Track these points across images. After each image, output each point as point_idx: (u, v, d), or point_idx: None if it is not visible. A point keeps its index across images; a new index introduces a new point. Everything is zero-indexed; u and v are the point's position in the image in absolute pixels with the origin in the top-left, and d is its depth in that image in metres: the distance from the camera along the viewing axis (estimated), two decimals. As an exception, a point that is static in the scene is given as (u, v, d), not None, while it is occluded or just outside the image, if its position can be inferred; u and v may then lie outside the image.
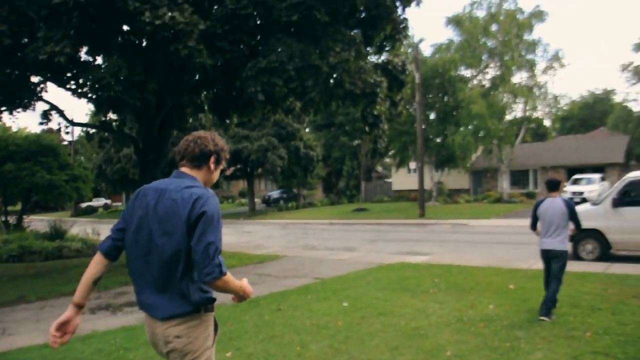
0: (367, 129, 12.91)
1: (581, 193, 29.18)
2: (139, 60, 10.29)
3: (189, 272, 2.60)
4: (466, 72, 36.52)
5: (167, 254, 2.57)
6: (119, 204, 61.92)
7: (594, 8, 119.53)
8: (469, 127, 32.62)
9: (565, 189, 30.83)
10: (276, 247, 17.95)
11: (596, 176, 31.44)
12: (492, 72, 36.47)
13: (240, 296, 2.79)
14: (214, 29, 9.95)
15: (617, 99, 72.86)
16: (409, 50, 28.79)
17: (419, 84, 27.19)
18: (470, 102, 31.15)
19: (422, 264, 12.27)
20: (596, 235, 12.25)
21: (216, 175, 2.91)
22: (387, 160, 51.95)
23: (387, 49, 13.20)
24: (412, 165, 36.61)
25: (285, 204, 43.03)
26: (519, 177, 40.65)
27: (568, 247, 7.21)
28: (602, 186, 30.96)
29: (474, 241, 17.82)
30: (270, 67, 9.86)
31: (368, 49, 12.76)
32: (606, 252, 12.21)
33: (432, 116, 37.68)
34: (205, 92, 16.06)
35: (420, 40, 48.38)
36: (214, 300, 2.75)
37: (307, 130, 50.98)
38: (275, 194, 49.45)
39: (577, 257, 12.47)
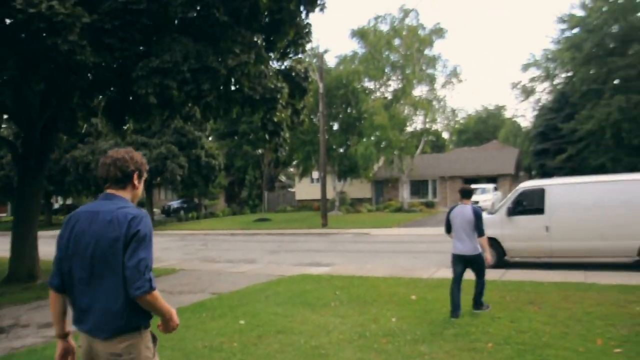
0: (267, 136, 12.39)
1: (476, 202, 30.14)
2: (12, 54, 9.15)
3: (125, 292, 2.64)
4: (369, 84, 37.21)
5: (106, 273, 2.65)
6: (3, 214, 57.18)
7: (490, 28, 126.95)
8: (372, 137, 33.11)
9: (461, 198, 32.01)
10: (173, 260, 17.01)
11: (490, 186, 32.95)
12: (394, 84, 37.42)
13: (166, 322, 2.85)
14: (101, 24, 9.01)
15: (507, 114, 77.61)
16: (314, 60, 28.78)
17: (322, 94, 27.18)
18: (372, 113, 31.66)
19: (323, 276, 11.96)
20: (492, 243, 12.51)
21: (140, 189, 2.98)
22: (291, 169, 51.84)
23: (290, 55, 12.85)
24: (315, 174, 36.63)
25: (185, 214, 41.63)
26: (419, 187, 41.86)
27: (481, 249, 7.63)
28: (495, 196, 32.48)
29: (375, 250, 17.84)
30: (163, 68, 9.07)
31: (271, 54, 12.30)
32: (502, 259, 12.53)
33: (335, 127, 37.96)
34: (99, 95, 14.86)
35: (325, 51, 49.01)
36: (151, 317, 2.80)
37: (209, 138, 49.79)
38: (175, 203, 47.76)
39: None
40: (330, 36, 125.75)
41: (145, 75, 9.18)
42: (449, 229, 7.95)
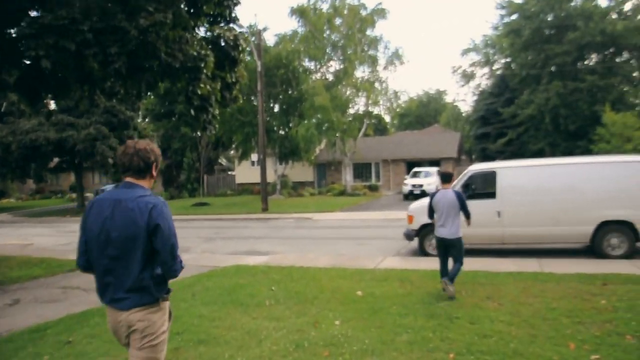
0: (193, 112, 10.93)
1: (420, 185, 29.90)
2: None
3: (147, 268, 3.07)
4: (310, 65, 35.94)
5: (128, 254, 3.03)
6: None
7: (431, 12, 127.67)
8: (313, 119, 31.92)
9: (405, 181, 31.48)
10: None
11: (433, 169, 32.50)
12: (335, 65, 36.34)
13: None
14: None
15: (448, 99, 78.24)
16: (252, 39, 27.28)
17: (261, 72, 25.77)
18: (313, 94, 30.46)
19: (260, 267, 10.80)
20: (441, 229, 11.75)
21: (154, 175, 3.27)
22: (232, 152, 50.08)
23: (221, 24, 11.45)
24: (255, 157, 35.14)
25: (119, 198, 39.36)
26: (362, 170, 41.19)
27: (461, 233, 7.75)
28: (438, 179, 32.11)
29: (318, 237, 16.83)
30: (58, 25, 7.55)
31: (198, 23, 10.82)
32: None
33: (276, 108, 36.60)
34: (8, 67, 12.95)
35: (264, 29, 47.07)
36: (169, 291, 3.25)
37: (147, 120, 47.46)
38: (108, 187, 45.20)
39: (423, 252, 11.87)
40: (270, 15, 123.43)
41: (35, 34, 7.61)
42: (431, 214, 8.00)
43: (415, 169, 33.21)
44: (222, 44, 10.73)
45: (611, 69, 38.66)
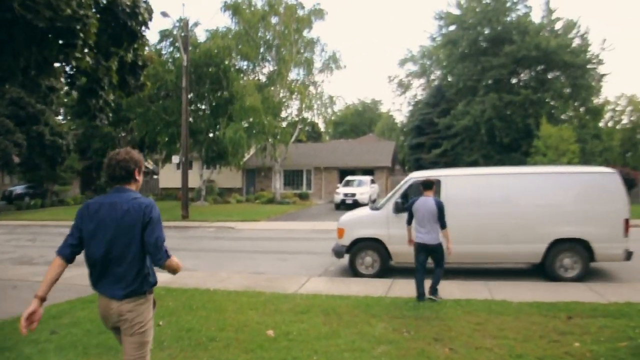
0: (73, 92, 8.82)
1: (353, 195, 28.48)
2: None
3: (139, 263, 3.40)
4: (243, 64, 33.94)
5: (122, 250, 3.35)
6: None
7: (369, 19, 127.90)
8: (243, 122, 29.80)
9: (337, 190, 29.99)
10: (-31, 262, 12.94)
11: (367, 178, 31.18)
12: (269, 66, 34.49)
13: (174, 270, 3.52)
14: None
15: (383, 108, 77.97)
16: (181, 32, 25.10)
17: (186, 67, 23.61)
18: (244, 94, 28.46)
19: (157, 290, 8.77)
20: (376, 245, 10.13)
21: (141, 180, 3.63)
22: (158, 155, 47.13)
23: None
24: (176, 159, 32.55)
25: (30, 201, 35.79)
26: (293, 177, 39.48)
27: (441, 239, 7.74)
28: (372, 188, 30.81)
29: (237, 250, 14.93)
30: None
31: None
32: (387, 265, 10.19)
33: (206, 109, 34.26)
34: None
35: (195, 24, 44.34)
36: (155, 284, 3.58)
37: (69, 117, 43.92)
38: (19, 189, 41.19)
39: (354, 272, 10.23)
40: (202, 10, 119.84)
41: None
42: (410, 220, 8.01)
43: (348, 178, 31.81)
44: (117, 10, 8.61)
45: (543, 84, 38.90)
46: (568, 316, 6.70)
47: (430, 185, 7.92)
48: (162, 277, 10.24)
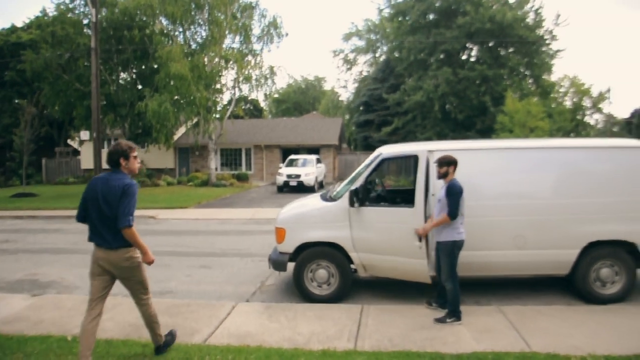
0: None
1: (298, 175, 25.25)
2: None
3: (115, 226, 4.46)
4: (169, 27, 29.60)
5: (111, 214, 4.42)
6: None
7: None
8: (171, 93, 25.68)
9: (280, 171, 26.67)
10: None
11: (313, 157, 27.94)
12: (201, 31, 30.38)
13: (143, 255, 4.59)
14: None
15: (327, 86, 74.80)
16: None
17: (95, 23, 19.50)
18: (169, 59, 24.40)
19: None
20: (333, 252, 6.93)
21: (132, 164, 4.64)
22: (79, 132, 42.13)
23: None
24: (85, 136, 27.97)
25: None
26: (231, 157, 35.82)
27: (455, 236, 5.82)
28: (319, 168, 27.66)
29: (151, 250, 11.44)
30: None
31: None
32: (348, 279, 6.98)
33: (131, 81, 29.95)
34: None
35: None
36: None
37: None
38: None
39: (303, 293, 7.01)
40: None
41: None
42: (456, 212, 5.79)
43: (292, 157, 28.45)
44: None
45: (497, 59, 36.64)
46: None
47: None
48: (21, 303, 6.76)
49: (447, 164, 5.93)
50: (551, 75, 40.03)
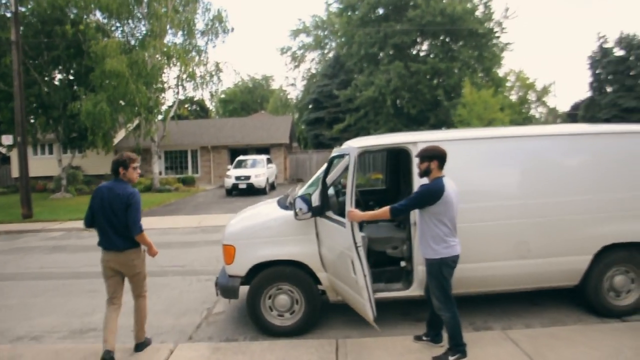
0: None
1: (247, 177, 23.71)
2: None
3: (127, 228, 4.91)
4: (104, 21, 27.43)
5: (118, 222, 4.83)
6: None
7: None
8: (107, 92, 23.62)
9: (228, 172, 25.06)
10: None
11: (263, 157, 26.42)
12: (140, 26, 28.36)
13: (149, 249, 5.06)
14: None
15: (275, 84, 73.25)
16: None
17: (15, 13, 17.43)
18: (105, 55, 22.44)
19: None
20: (296, 272, 5.56)
21: (131, 174, 4.98)
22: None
23: None
24: (7, 140, 25.43)
25: None
26: (176, 159, 33.90)
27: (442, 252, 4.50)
28: (270, 169, 26.17)
29: (77, 272, 9.83)
30: None
31: None
32: (316, 302, 5.60)
33: (64, 80, 27.63)
34: None
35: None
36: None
37: None
38: None
39: (258, 322, 5.61)
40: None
41: None
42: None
43: (240, 158, 26.84)
44: None
45: (448, 52, 36.07)
46: None
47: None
48: None
49: (429, 158, 4.59)
50: (501, 69, 39.87)
